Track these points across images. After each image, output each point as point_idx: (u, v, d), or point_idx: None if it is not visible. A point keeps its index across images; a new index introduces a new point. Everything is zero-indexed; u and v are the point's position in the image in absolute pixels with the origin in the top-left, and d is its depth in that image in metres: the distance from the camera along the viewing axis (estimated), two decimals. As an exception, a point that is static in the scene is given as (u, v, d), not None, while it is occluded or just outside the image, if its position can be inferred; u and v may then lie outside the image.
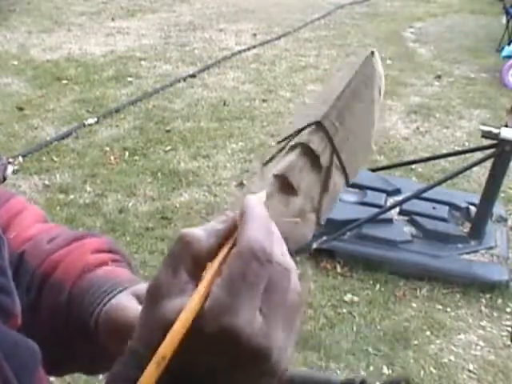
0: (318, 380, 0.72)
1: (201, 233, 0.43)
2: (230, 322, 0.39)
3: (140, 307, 0.60)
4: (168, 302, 0.41)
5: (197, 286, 0.42)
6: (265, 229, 0.42)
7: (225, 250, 0.43)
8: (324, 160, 0.52)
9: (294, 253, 0.45)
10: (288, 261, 0.43)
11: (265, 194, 0.49)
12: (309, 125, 0.53)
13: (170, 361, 0.39)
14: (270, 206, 0.50)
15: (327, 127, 0.52)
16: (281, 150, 0.54)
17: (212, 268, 0.42)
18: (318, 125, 0.52)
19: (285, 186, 0.51)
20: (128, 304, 0.61)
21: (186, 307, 0.40)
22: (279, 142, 0.55)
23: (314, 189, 0.52)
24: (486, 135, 3.17)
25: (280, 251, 0.43)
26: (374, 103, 0.54)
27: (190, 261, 0.43)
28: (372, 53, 0.54)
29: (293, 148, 0.53)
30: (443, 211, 3.46)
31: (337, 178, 0.53)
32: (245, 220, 0.43)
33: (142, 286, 0.63)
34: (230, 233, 0.44)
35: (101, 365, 0.65)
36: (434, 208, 3.48)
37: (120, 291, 0.63)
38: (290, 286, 0.43)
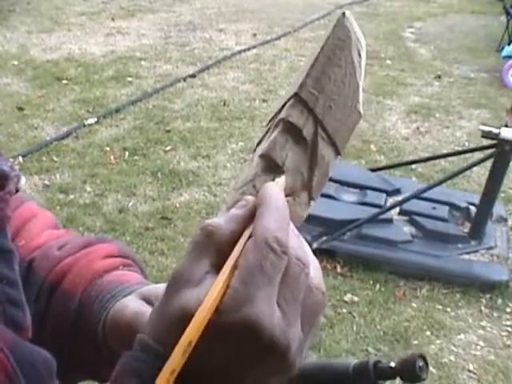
0: (331, 366, 0.72)
1: (220, 220, 0.43)
2: (249, 313, 0.39)
3: (144, 307, 0.59)
4: (185, 291, 0.40)
5: (217, 275, 0.41)
6: (281, 220, 0.42)
7: (244, 238, 0.42)
8: (307, 132, 0.50)
9: None
10: (307, 256, 0.43)
11: (283, 179, 0.47)
12: (288, 99, 0.51)
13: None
14: (256, 186, 0.49)
15: (305, 98, 0.50)
16: (267, 132, 0.53)
17: (231, 258, 0.41)
18: (296, 97, 0.50)
19: (270, 164, 0.50)
20: (129, 304, 0.61)
21: (207, 296, 0.39)
22: (267, 124, 0.53)
23: (302, 164, 0.50)
24: (486, 135, 3.17)
25: (298, 246, 0.42)
26: (354, 65, 0.51)
27: (213, 250, 0.42)
28: (343, 14, 0.51)
29: (276, 126, 0.51)
30: (443, 211, 3.46)
31: (325, 150, 0.50)
32: (262, 209, 0.42)
33: (151, 287, 0.63)
34: (250, 218, 0.43)
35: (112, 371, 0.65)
36: (434, 208, 3.48)
37: (127, 294, 0.63)
38: (310, 283, 0.42)
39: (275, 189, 0.44)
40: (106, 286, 0.64)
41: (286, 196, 0.49)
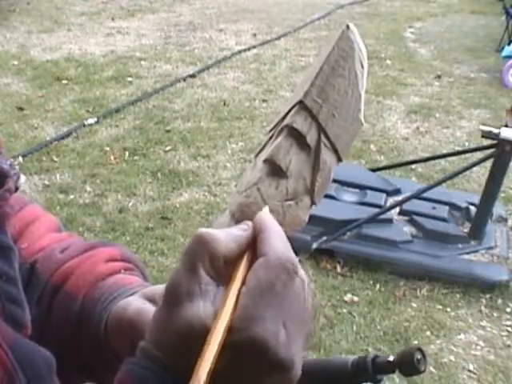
0: (330, 363, 0.72)
1: (221, 235, 0.43)
2: (258, 332, 0.39)
3: (147, 305, 0.59)
4: (189, 304, 0.41)
5: (217, 287, 0.41)
6: (286, 243, 0.43)
7: (246, 259, 0.43)
8: (311, 139, 0.52)
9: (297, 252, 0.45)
10: (303, 272, 0.44)
11: (267, 209, 0.49)
12: (292, 106, 0.53)
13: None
14: (260, 190, 0.51)
15: (309, 105, 0.52)
16: (271, 138, 0.54)
17: (238, 278, 0.42)
18: (301, 104, 0.52)
19: (274, 169, 0.52)
20: (132, 302, 0.61)
21: (219, 320, 0.39)
22: (270, 131, 0.55)
23: (305, 169, 0.52)
24: (486, 135, 3.17)
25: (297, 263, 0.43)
26: (357, 76, 0.53)
27: (207, 260, 0.42)
28: (347, 26, 0.53)
29: (280, 132, 0.53)
30: (443, 211, 3.46)
31: (327, 156, 0.53)
32: (266, 232, 0.43)
33: (153, 287, 0.63)
34: (249, 241, 0.44)
35: (114, 373, 0.64)
36: (433, 208, 3.47)
37: (130, 295, 0.63)
38: (307, 299, 0.43)
39: (270, 217, 0.46)
40: (108, 288, 0.64)
41: (289, 200, 0.51)
